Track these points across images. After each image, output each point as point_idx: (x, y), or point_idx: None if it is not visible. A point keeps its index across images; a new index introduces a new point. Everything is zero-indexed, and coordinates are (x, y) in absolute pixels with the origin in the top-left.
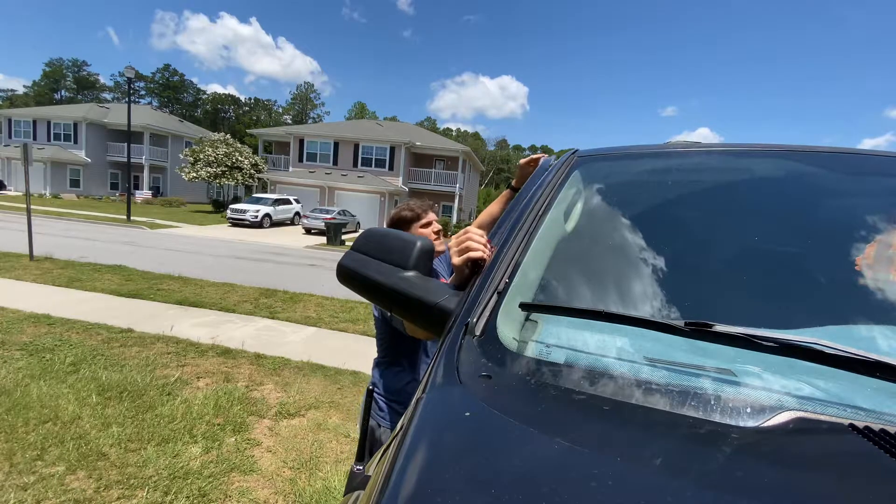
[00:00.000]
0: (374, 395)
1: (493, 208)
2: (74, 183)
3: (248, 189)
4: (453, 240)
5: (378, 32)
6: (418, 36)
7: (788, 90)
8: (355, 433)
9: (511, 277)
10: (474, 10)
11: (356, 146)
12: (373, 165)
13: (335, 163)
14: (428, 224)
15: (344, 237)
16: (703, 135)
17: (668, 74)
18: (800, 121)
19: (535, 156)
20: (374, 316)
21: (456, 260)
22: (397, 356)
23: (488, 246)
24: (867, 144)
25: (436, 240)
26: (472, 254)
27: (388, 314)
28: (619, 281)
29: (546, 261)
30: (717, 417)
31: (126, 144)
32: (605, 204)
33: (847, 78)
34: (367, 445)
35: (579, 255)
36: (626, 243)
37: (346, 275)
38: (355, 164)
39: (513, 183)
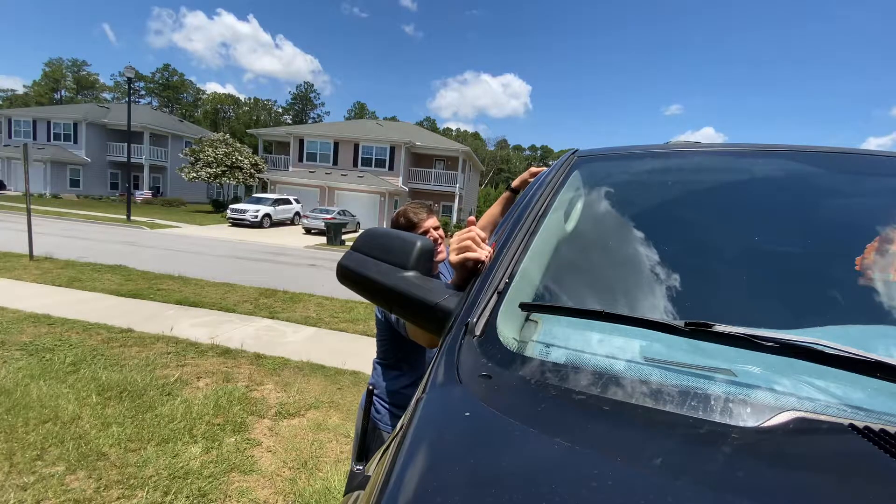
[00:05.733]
0: (374, 396)
1: (494, 210)
2: (74, 183)
3: (249, 189)
4: (455, 237)
5: (379, 28)
6: (420, 31)
7: (792, 90)
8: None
9: (511, 277)
10: (477, 4)
11: (356, 146)
12: (373, 165)
13: (335, 163)
14: (425, 233)
15: (344, 237)
16: (707, 134)
17: (673, 72)
18: (804, 120)
19: (540, 168)
20: (377, 317)
21: (453, 258)
22: (397, 358)
23: (487, 249)
24: (872, 143)
25: (438, 246)
26: (469, 254)
27: (393, 317)
28: (620, 281)
29: (546, 261)
30: (717, 417)
31: (126, 144)
32: (605, 204)
33: (851, 77)
34: (366, 446)
35: (579, 256)
36: (626, 243)
37: (346, 275)
38: (355, 164)
39: (512, 184)
